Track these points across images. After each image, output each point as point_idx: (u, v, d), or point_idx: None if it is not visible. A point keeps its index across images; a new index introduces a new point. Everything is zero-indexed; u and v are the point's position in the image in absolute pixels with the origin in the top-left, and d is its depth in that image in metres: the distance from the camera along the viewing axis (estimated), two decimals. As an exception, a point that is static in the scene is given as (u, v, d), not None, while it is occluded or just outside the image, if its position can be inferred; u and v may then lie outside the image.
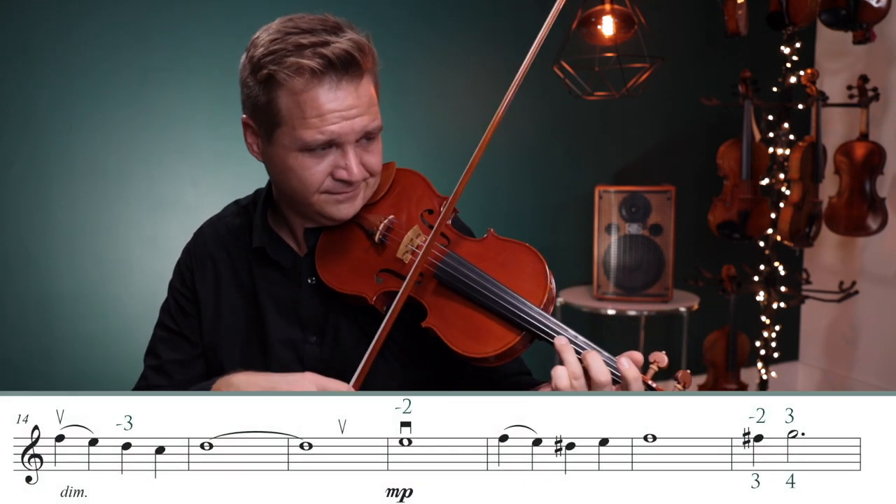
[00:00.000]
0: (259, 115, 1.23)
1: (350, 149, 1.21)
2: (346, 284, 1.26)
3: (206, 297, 1.38)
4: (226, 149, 2.91)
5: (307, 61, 1.15)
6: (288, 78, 1.17)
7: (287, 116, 1.19)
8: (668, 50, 3.05)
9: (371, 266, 1.26)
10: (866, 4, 2.86)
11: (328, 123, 1.17)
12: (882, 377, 3.63)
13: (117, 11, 2.74)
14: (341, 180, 1.22)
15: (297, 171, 1.21)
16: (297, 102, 1.18)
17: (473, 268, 1.20)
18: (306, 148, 1.19)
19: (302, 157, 1.20)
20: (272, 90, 1.19)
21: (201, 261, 1.40)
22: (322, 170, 1.21)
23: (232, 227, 1.40)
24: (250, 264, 1.36)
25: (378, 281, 1.24)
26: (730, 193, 3.15)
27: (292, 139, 1.20)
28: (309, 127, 1.17)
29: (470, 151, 1.22)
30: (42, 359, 2.76)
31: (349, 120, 1.18)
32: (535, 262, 1.20)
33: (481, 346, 1.16)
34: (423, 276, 1.22)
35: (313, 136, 1.18)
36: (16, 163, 2.69)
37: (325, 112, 1.17)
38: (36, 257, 2.74)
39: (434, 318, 1.19)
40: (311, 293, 1.32)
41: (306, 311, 1.32)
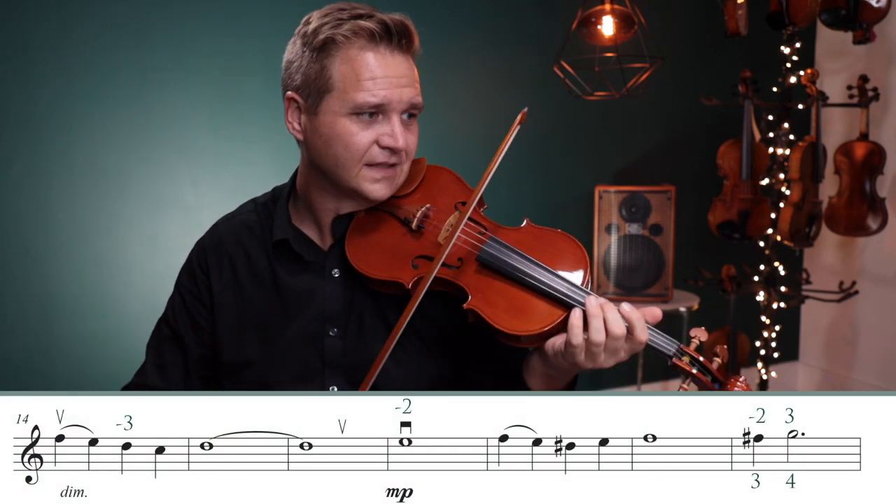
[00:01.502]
0: (309, 86, 1.25)
1: (396, 118, 1.24)
2: (380, 271, 1.27)
3: (222, 292, 1.37)
4: (226, 149, 2.91)
5: (367, 23, 1.21)
6: (346, 40, 1.21)
7: (340, 80, 1.22)
8: (668, 50, 3.05)
9: (407, 253, 1.27)
10: (866, 4, 2.86)
11: (381, 87, 1.21)
12: (882, 377, 3.63)
13: (117, 11, 2.74)
14: (387, 148, 1.24)
15: (345, 137, 1.23)
16: (351, 66, 1.21)
17: (515, 249, 1.22)
18: (357, 111, 1.22)
19: (350, 123, 1.23)
20: (327, 55, 1.23)
21: (218, 258, 1.39)
22: (368, 136, 1.24)
23: (249, 223, 1.40)
24: (269, 259, 1.36)
25: (414, 266, 1.26)
26: (730, 193, 3.15)
27: (343, 103, 1.22)
28: (362, 89, 1.21)
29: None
30: (42, 359, 2.76)
31: (400, 88, 1.23)
32: (574, 248, 1.24)
33: (527, 323, 1.17)
34: (463, 260, 1.24)
35: (365, 98, 1.21)
36: (16, 163, 2.69)
37: (378, 76, 1.21)
38: (36, 257, 2.74)
39: (476, 300, 1.20)
40: (334, 285, 1.33)
41: (329, 304, 1.33)
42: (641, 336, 1.15)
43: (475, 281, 1.22)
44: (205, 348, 1.40)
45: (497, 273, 1.22)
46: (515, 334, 1.17)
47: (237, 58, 2.85)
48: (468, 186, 1.35)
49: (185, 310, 1.40)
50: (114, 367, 2.89)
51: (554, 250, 1.24)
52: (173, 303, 1.42)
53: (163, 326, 1.43)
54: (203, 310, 1.39)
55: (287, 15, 1.29)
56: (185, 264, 1.43)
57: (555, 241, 1.26)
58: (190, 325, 1.39)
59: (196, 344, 1.39)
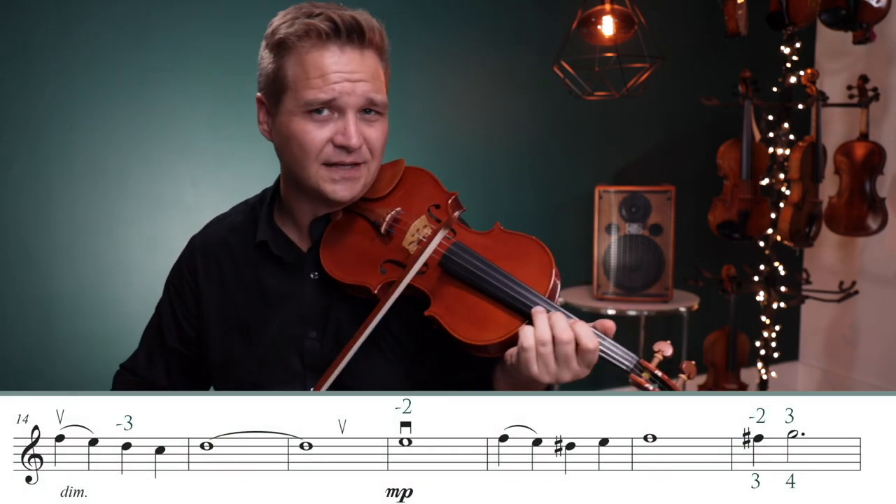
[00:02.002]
0: (269, 87, 1.26)
1: (351, 115, 1.22)
2: (349, 275, 1.26)
3: (209, 293, 1.39)
4: (226, 149, 2.91)
5: (315, 22, 1.21)
6: (296, 40, 1.21)
7: (292, 80, 1.22)
8: (668, 50, 3.05)
9: (376, 257, 1.26)
10: (866, 4, 2.86)
11: (330, 83, 1.20)
12: (882, 377, 3.63)
13: (117, 11, 2.73)
14: (341, 146, 1.23)
15: (299, 135, 1.23)
16: (302, 65, 1.21)
17: (479, 256, 1.20)
18: (308, 108, 1.21)
19: (304, 122, 1.22)
20: (281, 56, 1.23)
21: (206, 259, 1.40)
22: (323, 135, 1.23)
23: (236, 225, 1.41)
24: (254, 261, 1.37)
25: (382, 272, 1.25)
26: (730, 193, 3.15)
27: (296, 102, 1.22)
28: (311, 87, 1.21)
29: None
30: (42, 359, 2.76)
31: (352, 83, 1.21)
32: (540, 254, 1.21)
33: (484, 332, 1.16)
34: (428, 265, 1.22)
35: (315, 95, 1.20)
36: (16, 163, 2.69)
37: (327, 72, 1.20)
38: (36, 257, 2.74)
39: (437, 307, 1.19)
40: (313, 288, 1.33)
41: (308, 307, 1.33)
42: (588, 343, 1.11)
43: (438, 287, 1.21)
44: (184, 347, 1.42)
45: (459, 280, 1.20)
46: (474, 343, 1.16)
47: (237, 58, 2.85)
48: (444, 189, 1.33)
49: (169, 307, 1.43)
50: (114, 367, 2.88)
51: (520, 257, 1.21)
52: (161, 300, 1.46)
53: (154, 318, 1.47)
54: (185, 309, 1.41)
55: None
56: (173, 267, 1.46)
57: (522, 247, 1.23)
58: (173, 323, 1.42)
59: (175, 341, 1.42)
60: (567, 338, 1.11)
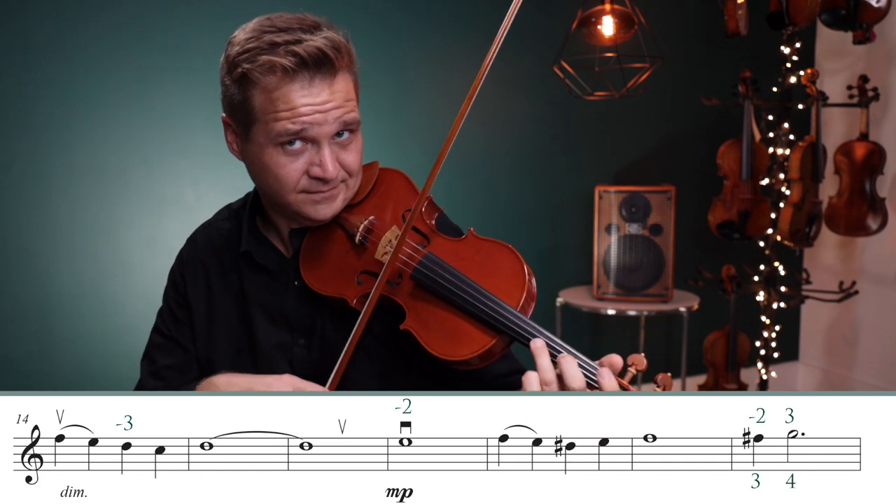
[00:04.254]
0: (236, 114, 1.23)
1: (325, 145, 1.19)
2: (327, 286, 1.25)
3: (197, 304, 1.38)
4: (226, 149, 2.90)
5: (279, 59, 1.15)
6: (261, 76, 1.17)
7: (261, 113, 1.18)
8: (668, 50, 3.06)
9: (352, 268, 1.25)
10: (866, 4, 2.86)
11: (300, 115, 1.16)
12: (882, 377, 3.63)
13: (117, 11, 2.74)
14: (317, 178, 1.20)
15: (273, 168, 1.20)
16: (270, 99, 1.17)
17: (450, 268, 1.17)
18: (280, 141, 1.18)
19: (277, 155, 1.19)
20: (246, 89, 1.19)
21: (193, 268, 1.40)
22: (298, 168, 1.20)
23: (222, 232, 1.40)
24: (240, 269, 1.36)
25: (359, 283, 1.23)
26: (730, 193, 3.15)
27: (266, 134, 1.19)
28: (279, 119, 1.17)
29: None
30: (42, 359, 2.76)
31: (323, 114, 1.17)
32: (513, 262, 1.17)
33: (457, 348, 1.14)
34: (402, 276, 1.20)
35: (285, 127, 1.16)
36: (16, 163, 2.69)
37: (297, 105, 1.16)
38: (36, 257, 2.74)
39: (412, 321, 1.17)
40: (297, 296, 1.32)
41: (294, 314, 1.32)
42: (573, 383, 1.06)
43: (411, 300, 1.19)
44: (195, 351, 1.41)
45: (430, 293, 1.17)
46: (445, 359, 1.14)
47: (237, 58, 2.85)
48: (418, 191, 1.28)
49: (172, 316, 1.41)
50: (114, 367, 2.89)
51: (491, 266, 1.18)
52: (163, 314, 1.43)
53: (154, 337, 1.43)
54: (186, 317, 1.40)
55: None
56: (168, 275, 1.45)
57: (494, 256, 1.19)
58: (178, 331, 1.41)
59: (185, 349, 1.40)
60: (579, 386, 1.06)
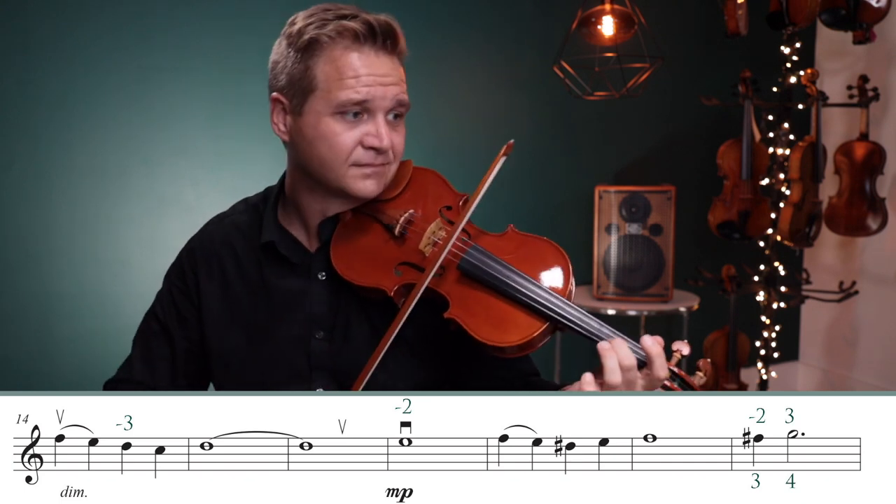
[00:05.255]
0: (293, 87, 1.25)
1: (381, 117, 1.24)
2: (363, 277, 1.26)
3: (211, 294, 1.38)
4: (226, 149, 2.91)
5: (351, 23, 1.21)
6: (330, 40, 1.21)
7: (323, 80, 1.22)
8: (668, 50, 3.05)
9: (390, 259, 1.26)
10: (866, 4, 2.86)
11: (364, 85, 1.21)
12: (882, 377, 3.63)
13: (117, 11, 2.73)
14: (372, 148, 1.23)
15: (329, 137, 1.23)
16: (335, 66, 1.21)
17: (496, 258, 1.21)
18: (340, 109, 1.21)
19: (334, 123, 1.22)
20: (311, 56, 1.22)
21: (207, 258, 1.39)
22: (353, 136, 1.23)
23: (239, 225, 1.40)
24: (259, 261, 1.36)
25: (397, 273, 1.24)
26: (730, 193, 3.15)
27: (327, 102, 1.22)
28: (345, 87, 1.20)
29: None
30: (42, 359, 2.76)
31: (384, 87, 1.22)
32: (555, 254, 1.22)
33: (505, 334, 1.16)
34: (445, 267, 1.22)
35: (349, 96, 1.20)
36: (16, 163, 2.68)
37: (361, 74, 1.21)
38: (36, 257, 2.74)
39: (456, 309, 1.19)
40: (321, 288, 1.33)
41: (316, 307, 1.33)
42: (661, 373, 1.12)
43: (456, 290, 1.21)
44: (192, 343, 1.40)
45: (478, 282, 1.20)
46: (495, 345, 1.16)
47: (237, 58, 2.85)
48: (454, 190, 1.33)
49: (173, 304, 1.41)
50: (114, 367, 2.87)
51: (535, 258, 1.22)
52: (161, 297, 1.43)
53: (151, 322, 1.43)
54: (191, 307, 1.40)
55: (287, 15, 1.29)
56: (175, 262, 1.44)
57: (537, 248, 1.24)
58: (177, 320, 1.40)
59: (183, 338, 1.40)
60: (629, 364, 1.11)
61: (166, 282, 1.44)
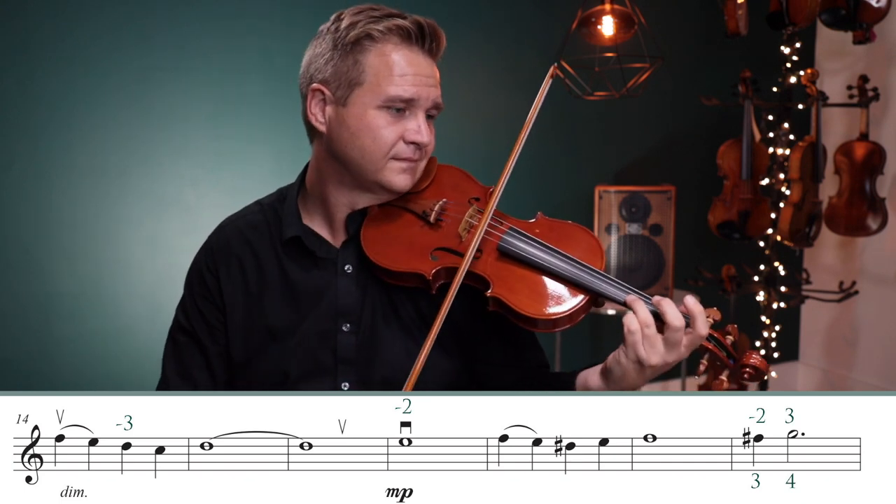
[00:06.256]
0: (339, 79, 1.28)
1: (422, 115, 1.30)
2: (400, 263, 1.28)
3: (233, 295, 1.37)
4: (226, 149, 2.91)
5: (404, 22, 1.27)
6: (382, 35, 1.26)
7: (373, 74, 1.26)
8: (668, 50, 3.05)
9: (426, 245, 1.30)
10: (866, 4, 2.86)
11: (411, 84, 1.27)
12: (882, 377, 3.63)
13: (117, 11, 2.73)
14: (413, 143, 1.28)
15: (374, 129, 1.27)
16: (385, 61, 1.26)
17: (534, 237, 1.27)
18: (388, 104, 1.26)
19: (379, 116, 1.27)
20: (361, 50, 1.27)
21: (226, 259, 1.39)
22: (396, 130, 1.28)
23: (255, 224, 1.40)
24: (278, 257, 1.36)
25: (434, 258, 1.28)
26: (730, 193, 3.15)
27: (374, 95, 1.26)
28: (394, 83, 1.26)
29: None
30: (42, 359, 2.76)
31: (427, 87, 1.30)
32: (588, 237, 1.30)
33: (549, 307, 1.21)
34: (482, 249, 1.27)
35: (397, 92, 1.26)
36: (16, 163, 2.69)
37: (409, 73, 1.27)
38: (36, 257, 2.74)
39: (498, 287, 1.23)
40: (347, 281, 1.34)
41: (342, 300, 1.33)
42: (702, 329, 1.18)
43: (495, 269, 1.25)
44: (222, 347, 1.39)
45: (517, 261, 1.26)
46: (539, 318, 1.21)
47: (237, 58, 2.85)
48: (479, 183, 1.40)
49: (198, 312, 1.39)
50: (114, 367, 2.89)
51: (569, 240, 1.29)
52: (185, 307, 1.42)
53: (178, 336, 1.42)
54: (216, 311, 1.39)
55: (287, 15, 1.30)
56: (192, 267, 1.43)
57: (569, 231, 1.31)
58: (205, 327, 1.39)
59: (214, 343, 1.39)
60: (679, 324, 1.17)
61: (187, 289, 1.42)
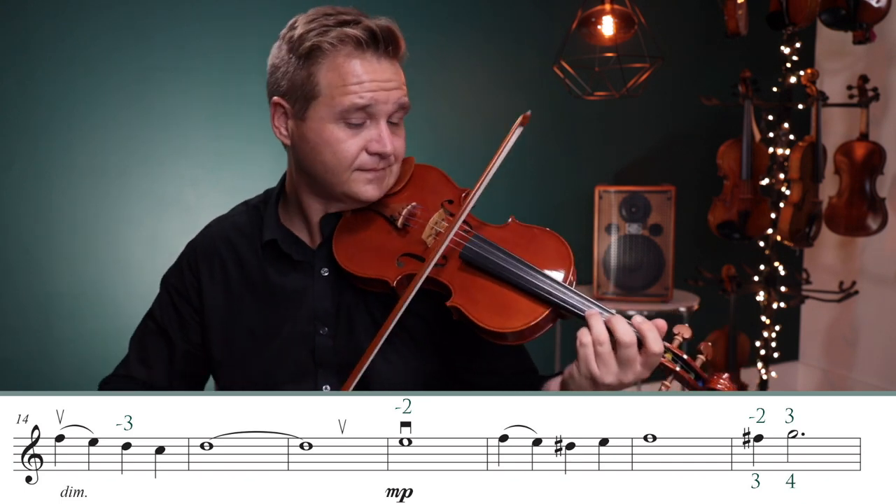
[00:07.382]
0: (295, 92, 1.25)
1: (383, 123, 1.24)
2: (366, 269, 1.27)
3: (214, 294, 1.38)
4: (226, 149, 2.91)
5: (353, 31, 1.21)
6: (332, 47, 1.21)
7: (326, 87, 1.22)
8: (668, 50, 3.05)
9: (392, 250, 1.27)
10: (866, 4, 2.86)
11: (367, 90, 1.21)
12: (882, 377, 3.63)
13: (117, 11, 2.74)
14: (376, 154, 1.24)
15: (333, 144, 1.23)
16: (338, 72, 1.21)
17: (498, 247, 1.22)
18: (344, 116, 1.22)
19: (338, 130, 1.23)
20: (313, 63, 1.22)
21: (209, 259, 1.40)
22: (357, 143, 1.24)
23: (239, 225, 1.41)
24: (259, 260, 1.37)
25: (399, 265, 1.25)
26: (730, 193, 3.15)
27: (330, 109, 1.22)
28: (348, 93, 1.21)
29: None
30: (42, 359, 2.76)
31: (386, 91, 1.23)
32: (557, 243, 1.24)
33: (508, 321, 1.17)
34: (447, 257, 1.23)
35: (352, 101, 1.21)
36: (16, 163, 2.69)
37: (366, 79, 1.22)
38: (36, 257, 2.74)
39: (459, 297, 1.20)
40: (324, 284, 1.33)
41: (319, 303, 1.33)
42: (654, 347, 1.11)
43: (458, 278, 1.22)
44: (191, 345, 1.41)
45: (480, 270, 1.21)
46: (497, 331, 1.17)
47: (237, 58, 2.85)
48: (455, 185, 1.35)
49: (172, 307, 1.41)
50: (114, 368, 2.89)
51: (537, 248, 1.23)
52: (160, 300, 1.44)
53: (148, 322, 1.44)
54: (190, 309, 1.40)
55: (287, 15, 1.29)
56: (174, 264, 1.45)
57: (539, 238, 1.25)
58: (177, 323, 1.41)
59: (182, 340, 1.41)
60: (629, 340, 1.10)
61: (164, 286, 1.44)
